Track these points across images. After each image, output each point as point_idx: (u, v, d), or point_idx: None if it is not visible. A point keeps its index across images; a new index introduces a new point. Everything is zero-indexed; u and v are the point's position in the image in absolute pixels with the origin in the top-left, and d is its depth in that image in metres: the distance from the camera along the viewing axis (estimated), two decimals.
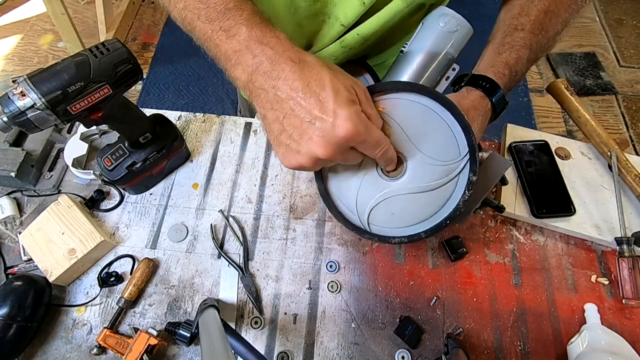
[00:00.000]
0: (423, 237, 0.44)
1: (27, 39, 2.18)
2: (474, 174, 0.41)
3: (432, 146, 0.42)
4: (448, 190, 0.43)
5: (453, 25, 0.47)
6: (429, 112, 0.42)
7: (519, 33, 0.52)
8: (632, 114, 1.96)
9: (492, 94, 0.50)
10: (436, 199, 0.44)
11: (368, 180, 0.43)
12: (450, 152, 0.42)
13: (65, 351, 0.58)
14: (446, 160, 0.42)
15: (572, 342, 0.58)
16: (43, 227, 0.62)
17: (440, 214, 0.44)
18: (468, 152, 0.42)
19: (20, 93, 0.46)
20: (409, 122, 0.42)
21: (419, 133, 0.42)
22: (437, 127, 0.42)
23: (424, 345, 0.59)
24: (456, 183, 0.43)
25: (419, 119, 0.42)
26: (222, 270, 0.65)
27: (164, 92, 2.00)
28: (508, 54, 0.52)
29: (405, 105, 0.42)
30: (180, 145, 0.71)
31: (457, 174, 0.43)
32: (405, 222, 0.45)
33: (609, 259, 0.66)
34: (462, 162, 0.42)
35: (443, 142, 0.42)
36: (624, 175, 0.69)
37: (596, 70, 2.10)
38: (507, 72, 0.51)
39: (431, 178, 0.43)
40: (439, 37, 0.48)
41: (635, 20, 2.31)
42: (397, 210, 0.45)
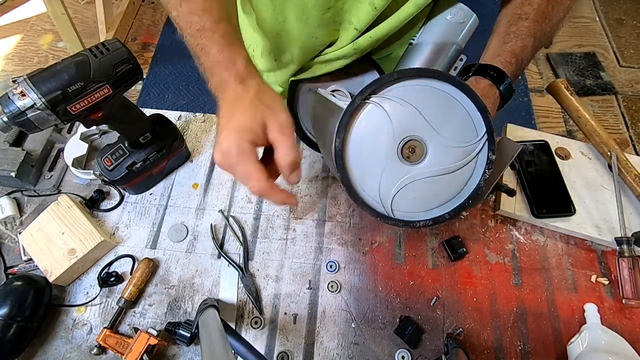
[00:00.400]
0: (447, 219, 0.45)
1: (27, 39, 2.18)
2: (493, 152, 0.43)
3: (451, 129, 0.43)
4: (468, 171, 0.45)
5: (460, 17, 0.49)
6: (446, 96, 0.43)
7: (524, 22, 0.53)
8: (632, 114, 1.96)
9: (499, 82, 0.51)
10: (457, 180, 0.45)
11: (390, 167, 0.44)
12: (469, 134, 0.43)
13: (65, 351, 0.58)
14: (465, 142, 0.44)
15: (572, 342, 0.58)
16: (43, 227, 0.62)
17: (462, 194, 0.45)
18: (486, 132, 0.43)
19: (20, 93, 0.46)
20: (427, 107, 0.43)
21: (437, 117, 0.43)
22: (455, 110, 0.43)
23: (424, 345, 0.59)
24: (475, 163, 0.44)
25: (436, 103, 0.43)
26: (222, 270, 0.65)
27: (164, 92, 2.00)
28: (514, 42, 0.53)
29: (422, 91, 0.43)
30: (180, 145, 0.71)
31: (476, 154, 0.44)
32: (428, 205, 0.46)
33: (609, 259, 0.66)
34: (481, 142, 0.43)
35: (461, 125, 0.43)
36: (624, 175, 0.69)
37: (596, 70, 2.10)
38: (514, 61, 0.52)
39: (451, 160, 0.44)
40: (447, 29, 0.50)
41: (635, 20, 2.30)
42: (419, 194, 0.46)
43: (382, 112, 0.43)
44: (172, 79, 2.03)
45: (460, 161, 0.44)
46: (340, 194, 0.72)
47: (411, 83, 0.43)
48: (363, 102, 0.43)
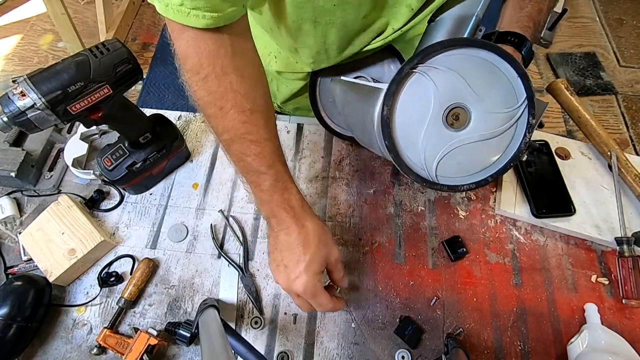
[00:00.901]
0: (490, 181, 0.47)
1: (27, 39, 2.18)
2: (533, 117, 0.45)
3: (494, 96, 0.45)
4: (509, 135, 0.46)
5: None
6: (489, 64, 0.44)
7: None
8: (632, 114, 1.96)
9: (520, 47, 0.52)
10: (499, 144, 0.47)
11: (434, 134, 0.46)
12: (510, 100, 0.45)
13: (65, 351, 0.58)
14: (507, 107, 0.45)
15: (572, 342, 0.58)
16: (43, 227, 0.62)
17: (503, 158, 0.47)
18: (526, 98, 0.44)
19: (20, 93, 0.46)
20: (471, 75, 0.44)
21: (480, 85, 0.45)
22: (497, 77, 0.45)
23: (424, 345, 0.59)
24: (516, 127, 0.46)
25: (480, 71, 0.45)
26: (222, 270, 0.65)
27: (164, 92, 2.00)
28: (530, 7, 0.54)
29: (467, 60, 0.44)
30: (180, 145, 0.71)
31: (517, 119, 0.45)
32: (472, 169, 0.48)
33: (609, 259, 0.66)
34: (522, 107, 0.45)
35: (503, 91, 0.45)
36: (624, 175, 0.69)
37: (596, 70, 2.10)
38: (532, 25, 0.53)
39: (494, 126, 0.45)
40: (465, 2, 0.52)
41: (635, 20, 2.30)
42: (463, 159, 0.47)
43: (429, 81, 0.44)
44: (172, 79, 2.03)
45: (502, 126, 0.46)
46: (340, 194, 0.72)
47: (456, 52, 0.44)
48: (410, 71, 0.44)
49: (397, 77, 0.44)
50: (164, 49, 2.13)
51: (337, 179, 0.74)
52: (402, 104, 0.44)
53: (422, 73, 0.44)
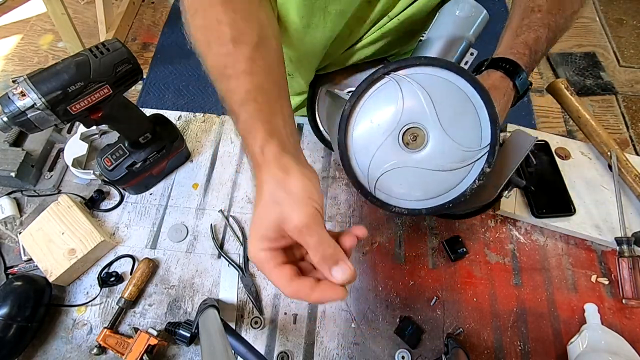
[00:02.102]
0: (423, 214, 0.45)
1: (27, 39, 2.18)
2: (489, 165, 0.42)
3: (457, 129, 0.43)
4: (460, 175, 0.44)
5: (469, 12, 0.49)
6: (464, 97, 0.43)
7: (536, 14, 0.52)
8: (632, 114, 1.96)
9: (514, 75, 0.51)
10: (446, 180, 0.44)
11: (386, 146, 0.44)
12: (473, 139, 0.43)
13: (65, 351, 0.58)
14: (467, 146, 0.43)
15: (572, 342, 0.58)
16: (43, 227, 0.62)
17: (446, 196, 0.45)
18: (489, 144, 0.42)
19: (20, 93, 0.46)
20: (442, 101, 0.43)
21: (448, 114, 0.43)
22: (467, 112, 0.43)
23: (424, 345, 0.59)
24: (469, 170, 0.44)
25: (453, 101, 0.43)
26: (222, 270, 0.65)
27: (164, 92, 2.00)
28: (527, 34, 0.52)
29: (444, 84, 0.43)
30: (180, 145, 0.71)
31: (473, 161, 0.43)
32: (410, 195, 0.46)
33: (609, 259, 0.66)
34: (482, 152, 0.43)
35: (468, 128, 0.43)
36: (624, 175, 0.69)
37: (596, 70, 2.10)
38: (527, 52, 0.52)
39: (448, 160, 0.43)
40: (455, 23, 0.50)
41: (635, 20, 2.30)
42: (405, 181, 0.45)
43: (397, 91, 0.43)
44: (172, 79, 2.03)
45: (455, 163, 0.44)
46: (340, 194, 0.72)
47: (436, 73, 0.43)
48: (383, 75, 0.43)
49: (369, 78, 0.43)
50: (164, 49, 2.13)
51: (337, 179, 0.74)
52: (366, 105, 0.43)
53: (394, 81, 0.43)
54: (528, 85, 0.53)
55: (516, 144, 0.52)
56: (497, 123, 0.42)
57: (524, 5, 0.54)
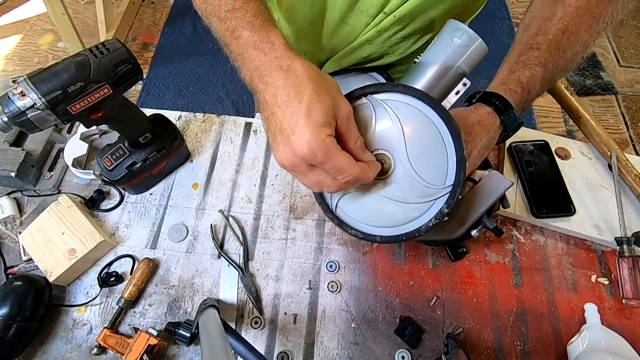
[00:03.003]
0: (377, 242, 0.45)
1: (27, 39, 2.18)
2: (448, 206, 0.42)
3: (423, 164, 0.43)
4: (419, 211, 0.44)
5: (465, 41, 0.49)
6: (435, 133, 0.42)
7: (534, 52, 0.51)
8: (632, 114, 1.96)
9: (503, 112, 0.50)
10: (404, 213, 0.44)
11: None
12: (437, 177, 0.43)
13: (65, 351, 0.58)
14: (430, 182, 0.43)
15: (572, 342, 0.58)
16: (43, 227, 0.62)
17: (402, 228, 0.45)
18: (452, 185, 0.42)
19: (20, 93, 0.46)
20: (412, 132, 0.43)
21: (416, 146, 0.43)
22: (435, 148, 0.42)
23: (424, 345, 0.59)
24: (429, 207, 0.44)
25: (422, 133, 0.43)
26: (222, 270, 0.65)
27: (164, 92, 2.00)
28: (521, 71, 0.51)
29: (415, 114, 0.42)
30: (180, 145, 0.71)
31: (434, 199, 0.43)
32: (368, 220, 0.46)
33: (609, 259, 0.66)
34: (444, 191, 0.43)
35: (434, 165, 0.43)
36: (624, 175, 0.69)
37: (596, 70, 2.10)
38: (519, 90, 0.50)
39: (410, 193, 0.43)
40: (451, 50, 0.49)
41: (635, 20, 2.30)
42: (366, 206, 0.45)
43: (371, 113, 0.42)
44: (172, 79, 2.03)
45: (416, 197, 0.44)
46: None
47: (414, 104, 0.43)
48: (361, 95, 0.43)
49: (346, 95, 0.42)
50: (164, 49, 2.13)
51: None
52: None
53: (370, 103, 0.42)
54: (518, 124, 0.51)
55: (490, 185, 0.51)
56: (464, 166, 0.41)
57: (524, 41, 0.53)
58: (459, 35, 0.49)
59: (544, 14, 0.53)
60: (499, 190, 0.50)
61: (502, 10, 2.30)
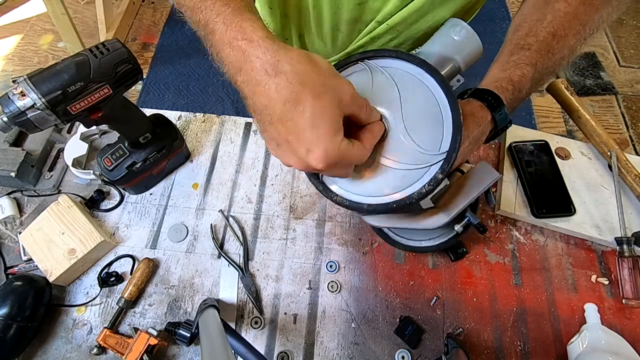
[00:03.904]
0: (364, 210, 0.43)
1: (27, 39, 2.18)
2: (442, 172, 0.40)
3: (419, 129, 0.42)
4: (412, 177, 0.42)
5: (463, 36, 0.49)
6: (432, 100, 0.42)
7: (525, 52, 0.52)
8: (632, 114, 1.96)
9: (495, 108, 0.50)
10: (396, 179, 0.42)
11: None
12: (432, 143, 0.41)
13: (66, 351, 0.58)
14: (425, 148, 0.42)
15: (572, 342, 0.58)
16: (43, 227, 0.62)
17: (393, 196, 0.42)
18: (447, 151, 0.41)
19: (20, 93, 0.46)
20: (408, 97, 0.42)
21: (413, 111, 0.42)
22: (431, 113, 0.42)
23: (424, 345, 0.59)
24: (422, 174, 0.42)
25: (419, 98, 0.42)
26: (222, 270, 0.65)
27: (164, 92, 2.00)
28: (512, 70, 0.52)
29: (411, 80, 0.43)
30: (180, 145, 0.71)
31: (428, 165, 0.42)
32: (355, 187, 0.44)
33: (609, 259, 0.66)
34: (438, 157, 0.41)
35: (430, 130, 0.42)
36: (624, 175, 0.69)
37: (596, 70, 2.10)
38: (510, 88, 0.51)
39: (403, 158, 0.42)
40: (449, 44, 0.50)
41: (635, 20, 2.30)
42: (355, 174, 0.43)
43: (369, 79, 0.42)
44: (172, 79, 2.03)
45: (409, 164, 0.42)
46: None
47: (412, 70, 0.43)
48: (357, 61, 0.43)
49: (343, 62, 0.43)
50: (164, 49, 2.13)
51: None
52: None
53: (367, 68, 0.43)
54: (507, 122, 0.52)
55: (479, 175, 0.51)
56: (460, 131, 0.41)
57: (515, 41, 0.54)
58: (457, 31, 0.49)
59: (534, 16, 0.54)
60: (487, 180, 0.50)
61: (502, 10, 2.30)
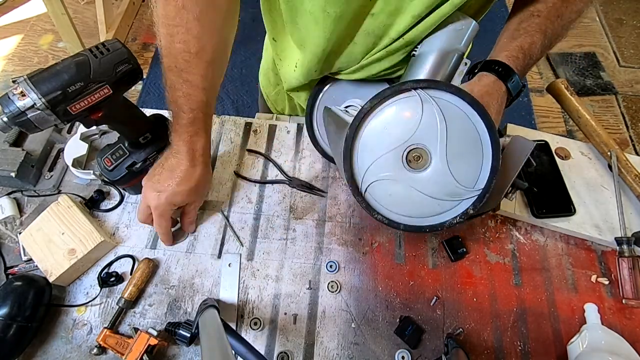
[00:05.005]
0: (401, 229, 0.47)
1: (27, 39, 2.18)
2: (474, 208, 0.45)
3: (459, 164, 0.45)
4: (445, 207, 0.46)
5: (459, 25, 0.50)
6: (475, 135, 0.44)
7: (535, 19, 0.53)
8: (632, 114, 1.96)
9: (506, 78, 0.51)
10: (432, 207, 0.47)
11: (391, 156, 0.45)
12: (470, 179, 0.45)
13: (66, 351, 0.58)
14: (462, 184, 0.45)
15: (572, 342, 0.58)
16: (43, 227, 0.62)
17: (426, 220, 0.47)
18: (482, 190, 0.44)
19: (20, 93, 0.46)
20: (454, 133, 0.44)
21: (455, 146, 0.44)
22: (473, 152, 0.44)
23: (424, 345, 0.59)
24: (455, 205, 0.46)
25: (464, 135, 0.44)
26: (222, 270, 0.65)
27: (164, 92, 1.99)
28: (523, 38, 0.52)
29: (459, 116, 0.44)
30: None
31: (462, 199, 0.45)
32: (395, 208, 0.48)
33: (609, 259, 0.66)
34: (473, 193, 0.45)
35: (469, 167, 0.45)
36: (624, 175, 0.69)
37: (596, 70, 2.10)
38: (521, 56, 0.52)
39: (440, 190, 0.46)
40: (446, 36, 0.51)
41: (635, 20, 2.31)
42: (395, 194, 0.47)
43: (419, 108, 0.43)
44: None
45: (446, 195, 0.46)
46: (340, 194, 0.72)
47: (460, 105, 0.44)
48: (411, 88, 0.43)
49: (396, 86, 0.43)
50: None
51: (337, 178, 0.74)
52: (385, 110, 0.44)
53: (419, 98, 0.43)
54: (521, 87, 0.53)
55: (515, 149, 0.53)
56: (496, 174, 0.44)
57: (524, 8, 0.54)
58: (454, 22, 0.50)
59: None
60: (525, 151, 0.52)
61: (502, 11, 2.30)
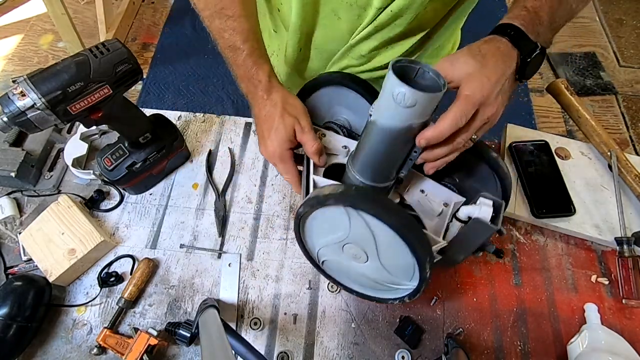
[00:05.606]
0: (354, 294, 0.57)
1: (27, 39, 2.18)
2: (409, 298, 0.49)
3: (393, 265, 0.47)
4: (387, 290, 0.52)
5: (409, 101, 0.39)
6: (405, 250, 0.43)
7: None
8: (632, 114, 1.96)
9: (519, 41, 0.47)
10: (376, 287, 0.53)
11: (334, 247, 0.50)
12: (404, 276, 0.48)
13: (65, 351, 0.58)
14: (397, 278, 0.49)
15: (572, 342, 0.58)
16: (43, 227, 0.62)
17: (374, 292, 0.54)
18: (414, 288, 0.47)
19: (20, 93, 0.46)
20: (383, 241, 0.45)
21: (387, 253, 0.46)
22: (403, 257, 0.44)
23: (424, 345, 0.59)
24: (396, 289, 0.51)
25: (393, 246, 0.44)
26: (222, 270, 0.65)
27: (164, 92, 2.00)
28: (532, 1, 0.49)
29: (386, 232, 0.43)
30: (180, 145, 0.71)
31: (400, 288, 0.50)
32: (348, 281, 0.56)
33: (609, 259, 0.66)
34: (409, 285, 0.48)
35: (402, 269, 0.47)
36: (624, 175, 0.69)
37: (596, 70, 2.10)
38: (525, 13, 0.48)
39: (380, 278, 0.50)
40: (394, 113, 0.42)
41: (635, 20, 2.30)
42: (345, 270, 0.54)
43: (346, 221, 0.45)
44: (172, 79, 2.03)
45: (385, 284, 0.51)
46: None
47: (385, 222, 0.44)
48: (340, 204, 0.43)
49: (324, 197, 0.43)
50: (164, 49, 2.13)
51: None
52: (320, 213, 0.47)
53: (347, 212, 0.44)
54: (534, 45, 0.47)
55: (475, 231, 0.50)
56: (426, 282, 0.45)
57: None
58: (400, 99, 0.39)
59: None
60: (483, 236, 0.50)
61: (502, 10, 2.30)
